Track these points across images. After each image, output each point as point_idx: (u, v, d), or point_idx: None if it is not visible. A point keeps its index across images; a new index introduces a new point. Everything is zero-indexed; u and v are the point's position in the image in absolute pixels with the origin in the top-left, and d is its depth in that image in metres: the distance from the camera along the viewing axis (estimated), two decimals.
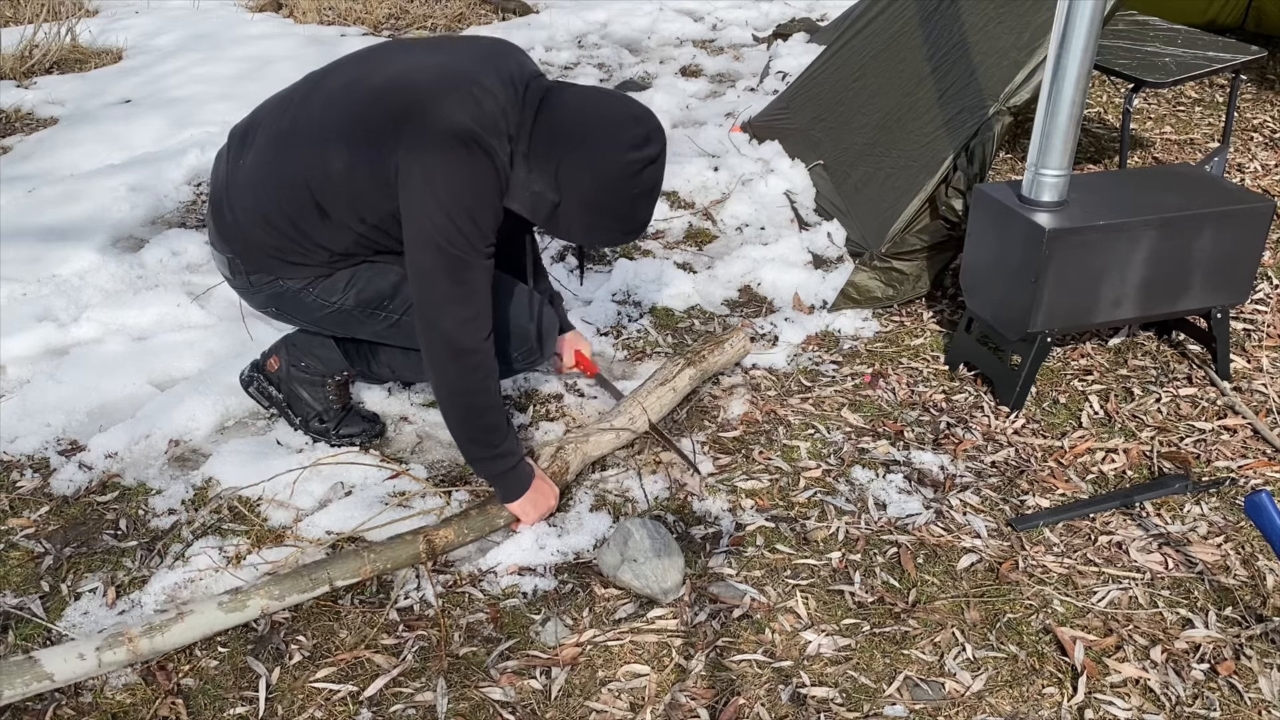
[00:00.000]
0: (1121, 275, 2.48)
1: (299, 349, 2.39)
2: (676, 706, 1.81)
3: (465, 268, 1.95)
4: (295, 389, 2.41)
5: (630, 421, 2.41)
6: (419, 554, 2.07)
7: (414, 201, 1.93)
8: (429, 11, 6.05)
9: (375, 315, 2.21)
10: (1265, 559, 2.13)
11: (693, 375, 2.56)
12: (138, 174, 3.71)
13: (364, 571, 2.02)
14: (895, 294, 3.00)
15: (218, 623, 1.91)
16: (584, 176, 1.94)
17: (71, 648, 1.81)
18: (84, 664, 1.80)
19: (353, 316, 2.22)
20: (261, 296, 2.23)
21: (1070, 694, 1.83)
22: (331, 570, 2.00)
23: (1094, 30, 2.27)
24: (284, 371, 2.41)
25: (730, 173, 3.71)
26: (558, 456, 2.26)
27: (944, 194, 2.92)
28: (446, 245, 1.92)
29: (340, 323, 2.25)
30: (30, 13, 5.56)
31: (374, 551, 2.04)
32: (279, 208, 2.08)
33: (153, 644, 1.85)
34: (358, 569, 2.02)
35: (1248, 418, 2.55)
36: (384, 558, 2.04)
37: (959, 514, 2.26)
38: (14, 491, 2.30)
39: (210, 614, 1.90)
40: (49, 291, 3.00)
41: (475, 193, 1.93)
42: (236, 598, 1.93)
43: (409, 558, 2.06)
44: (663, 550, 2.04)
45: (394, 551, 2.05)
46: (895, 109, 3.28)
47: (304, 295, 2.18)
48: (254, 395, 2.45)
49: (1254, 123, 4.34)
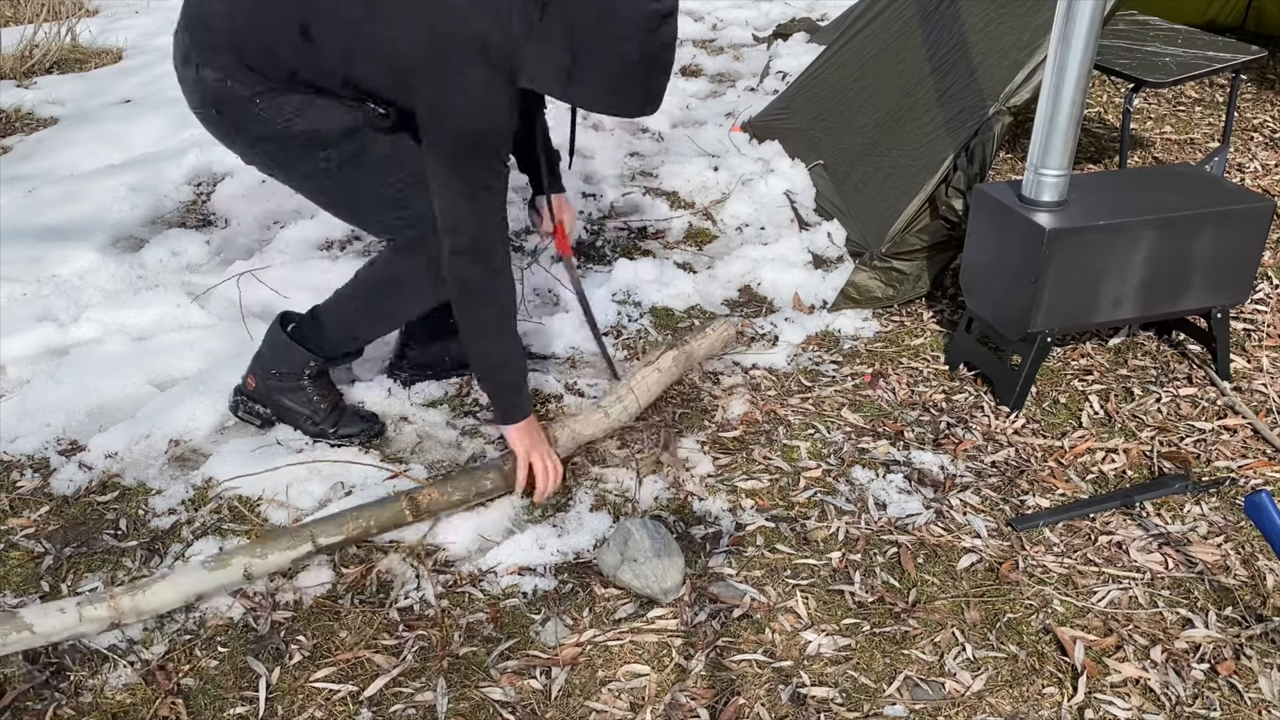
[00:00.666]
0: (1121, 275, 2.48)
1: (266, 358, 2.39)
2: (676, 706, 1.81)
3: (482, 184, 1.98)
4: (278, 400, 2.41)
5: (618, 400, 2.41)
6: (402, 513, 2.08)
7: (429, 116, 1.95)
8: None
9: (313, 154, 2.13)
10: (1265, 559, 2.13)
11: (675, 356, 2.55)
12: (138, 174, 3.71)
13: (347, 530, 2.03)
14: (895, 294, 3.00)
15: (202, 583, 1.92)
16: (600, 35, 1.87)
17: (53, 604, 1.83)
18: (64, 618, 1.81)
19: (289, 148, 2.13)
20: (203, 94, 2.13)
21: (1070, 694, 1.83)
22: (315, 530, 2.01)
23: (1094, 30, 2.27)
24: (262, 387, 2.41)
25: (730, 173, 3.71)
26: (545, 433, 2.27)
27: (944, 194, 2.92)
28: (463, 159, 1.95)
29: (272, 154, 2.17)
30: (30, 13, 5.55)
31: (357, 511, 2.06)
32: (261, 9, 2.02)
33: (134, 602, 1.86)
34: (341, 528, 2.03)
35: (1248, 418, 2.55)
36: (367, 517, 2.06)
37: (959, 514, 2.26)
38: (14, 491, 2.30)
39: (193, 574, 1.91)
40: (49, 291, 3.00)
41: (491, 111, 1.94)
42: (219, 558, 1.94)
43: (392, 517, 2.08)
44: (663, 550, 2.04)
45: (377, 512, 2.07)
46: (895, 109, 3.27)
47: (249, 106, 2.09)
48: (244, 418, 2.45)
49: (1254, 123, 4.33)
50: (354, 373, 2.69)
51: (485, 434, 2.48)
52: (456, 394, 2.62)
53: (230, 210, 3.52)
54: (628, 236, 3.40)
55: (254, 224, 3.46)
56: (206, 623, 1.97)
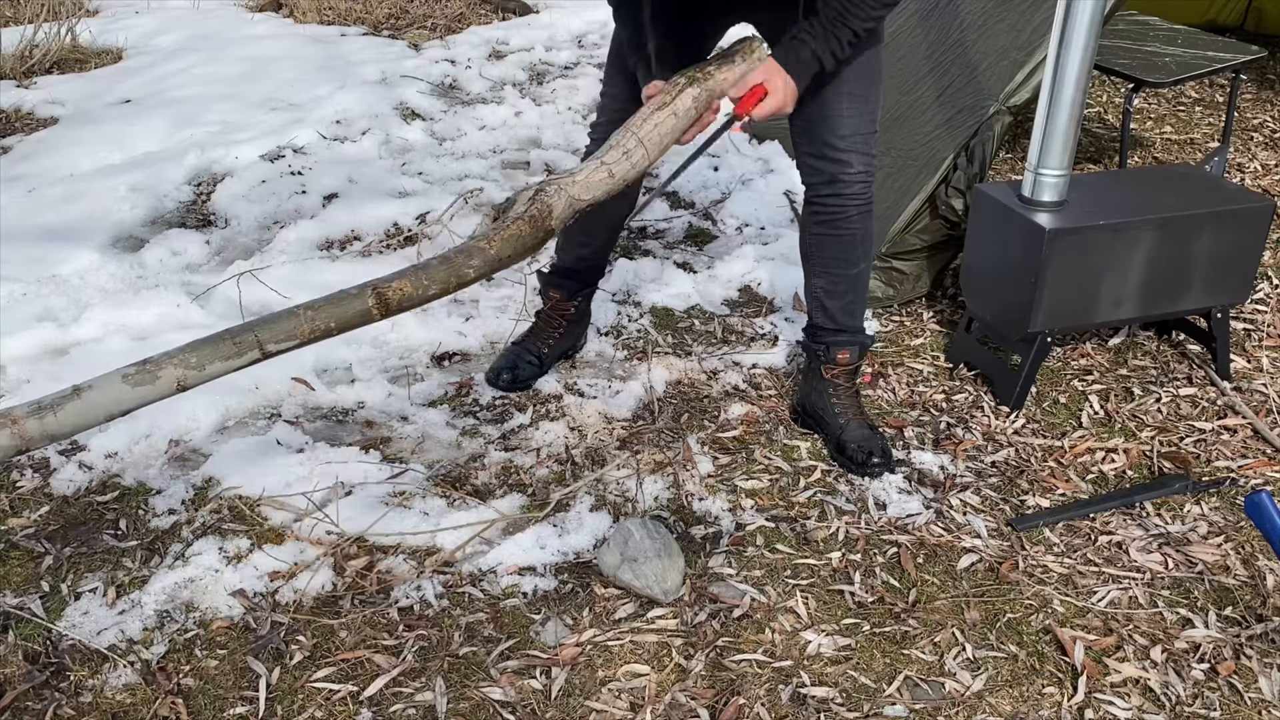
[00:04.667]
0: (1121, 275, 2.48)
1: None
2: (676, 706, 1.81)
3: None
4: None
5: (626, 156, 2.01)
6: (369, 310, 1.74)
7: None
8: (429, 11, 6.05)
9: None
10: (1265, 559, 2.13)
11: (695, 96, 2.07)
12: (138, 174, 3.71)
13: (301, 332, 1.71)
14: (895, 294, 3.00)
15: (124, 399, 1.63)
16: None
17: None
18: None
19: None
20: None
21: (1070, 694, 1.83)
22: (260, 333, 1.69)
23: (1094, 30, 2.27)
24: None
25: (730, 172, 3.71)
26: (537, 199, 1.90)
27: (944, 194, 2.92)
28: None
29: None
30: (30, 13, 5.55)
31: (312, 309, 1.72)
32: None
33: (43, 426, 1.58)
34: (293, 330, 1.70)
35: (1248, 418, 2.55)
36: (325, 316, 1.72)
37: (959, 514, 2.26)
38: (14, 491, 2.30)
39: (114, 389, 1.62)
40: (49, 291, 3.00)
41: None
42: (145, 369, 1.64)
43: (357, 315, 1.74)
44: (663, 550, 2.04)
45: (337, 309, 1.72)
46: (894, 108, 3.27)
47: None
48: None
49: (1254, 123, 4.34)
50: (354, 373, 2.69)
51: (485, 434, 2.49)
52: (456, 394, 2.62)
53: (230, 210, 3.53)
54: (627, 236, 3.41)
55: (254, 224, 3.46)
56: (206, 623, 1.97)
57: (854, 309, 2.42)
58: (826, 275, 2.39)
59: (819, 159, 2.25)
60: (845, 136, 2.21)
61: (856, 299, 2.42)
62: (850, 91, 2.18)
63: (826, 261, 2.37)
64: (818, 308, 2.44)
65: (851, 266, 2.36)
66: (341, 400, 2.59)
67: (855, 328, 2.44)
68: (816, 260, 2.39)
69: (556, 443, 2.45)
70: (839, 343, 2.42)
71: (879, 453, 2.35)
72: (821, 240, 2.35)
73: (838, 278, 2.38)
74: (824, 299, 2.41)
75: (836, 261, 2.36)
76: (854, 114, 2.19)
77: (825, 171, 2.25)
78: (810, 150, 2.26)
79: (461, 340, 2.83)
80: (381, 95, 4.48)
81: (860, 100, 2.19)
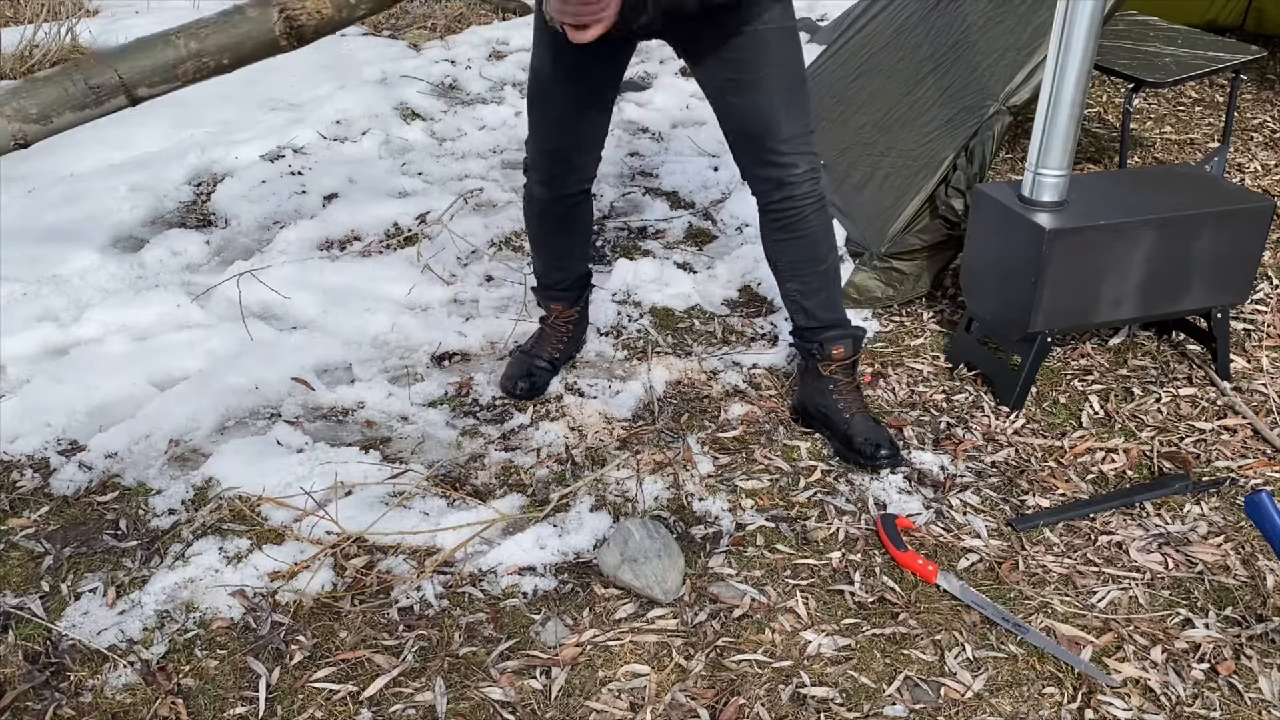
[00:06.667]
0: (1121, 275, 2.48)
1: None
2: (676, 706, 1.81)
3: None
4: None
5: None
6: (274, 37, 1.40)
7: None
8: (429, 11, 6.05)
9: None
10: (1265, 559, 2.13)
11: None
12: (138, 174, 3.71)
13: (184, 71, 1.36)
14: (895, 294, 3.00)
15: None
16: None
17: None
18: None
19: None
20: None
21: (1070, 694, 1.83)
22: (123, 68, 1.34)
23: (1094, 30, 2.27)
24: None
25: (730, 172, 3.71)
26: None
27: (944, 194, 2.92)
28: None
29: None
30: (30, 13, 5.55)
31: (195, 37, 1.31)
32: None
33: None
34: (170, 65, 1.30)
35: (1248, 418, 2.55)
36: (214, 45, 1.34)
37: (959, 514, 2.26)
38: (14, 491, 2.30)
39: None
40: (49, 291, 3.00)
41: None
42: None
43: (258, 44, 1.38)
44: (663, 550, 2.04)
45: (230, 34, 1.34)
46: (894, 108, 3.27)
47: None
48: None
49: (1254, 123, 4.34)
50: (354, 373, 2.69)
51: (485, 434, 2.49)
52: (456, 394, 2.63)
53: (230, 210, 3.53)
54: (627, 236, 3.41)
55: (254, 224, 3.46)
56: (207, 623, 1.97)
57: (832, 303, 2.45)
58: (798, 278, 2.42)
59: (765, 167, 2.28)
60: (786, 140, 2.24)
61: (832, 293, 2.44)
62: (782, 96, 2.22)
63: (795, 265, 2.41)
64: (798, 310, 2.46)
65: (820, 264, 2.40)
66: (341, 400, 2.59)
67: (840, 320, 2.46)
68: (785, 266, 2.42)
69: (556, 443, 2.45)
70: (830, 338, 2.43)
71: (886, 444, 2.37)
72: (784, 246, 2.38)
73: (809, 277, 2.41)
74: (801, 300, 2.44)
75: (804, 263, 2.40)
76: (790, 117, 2.23)
77: (773, 178, 2.29)
78: (754, 161, 2.30)
79: (461, 340, 2.83)
80: (381, 95, 4.48)
81: (792, 102, 2.23)
